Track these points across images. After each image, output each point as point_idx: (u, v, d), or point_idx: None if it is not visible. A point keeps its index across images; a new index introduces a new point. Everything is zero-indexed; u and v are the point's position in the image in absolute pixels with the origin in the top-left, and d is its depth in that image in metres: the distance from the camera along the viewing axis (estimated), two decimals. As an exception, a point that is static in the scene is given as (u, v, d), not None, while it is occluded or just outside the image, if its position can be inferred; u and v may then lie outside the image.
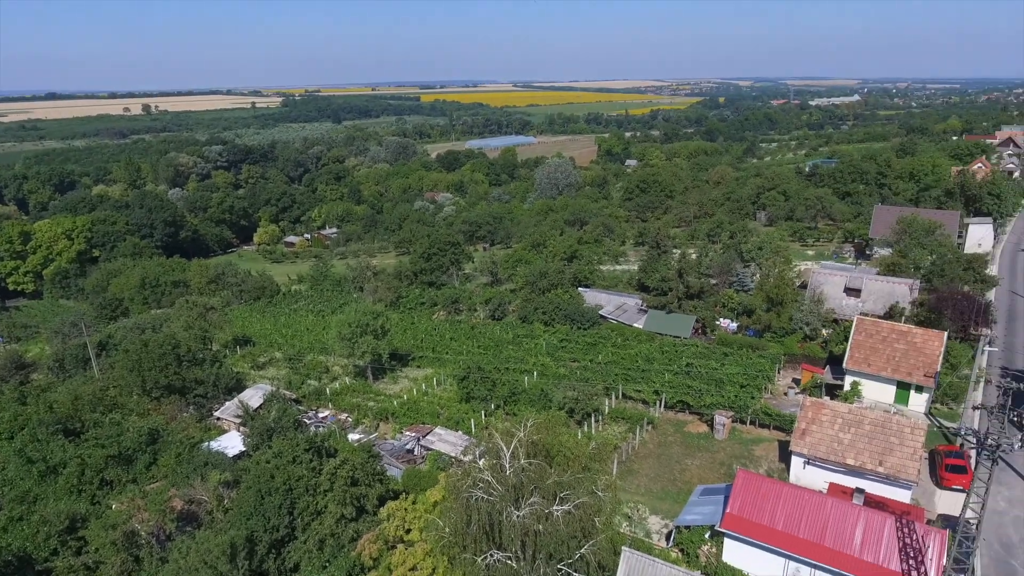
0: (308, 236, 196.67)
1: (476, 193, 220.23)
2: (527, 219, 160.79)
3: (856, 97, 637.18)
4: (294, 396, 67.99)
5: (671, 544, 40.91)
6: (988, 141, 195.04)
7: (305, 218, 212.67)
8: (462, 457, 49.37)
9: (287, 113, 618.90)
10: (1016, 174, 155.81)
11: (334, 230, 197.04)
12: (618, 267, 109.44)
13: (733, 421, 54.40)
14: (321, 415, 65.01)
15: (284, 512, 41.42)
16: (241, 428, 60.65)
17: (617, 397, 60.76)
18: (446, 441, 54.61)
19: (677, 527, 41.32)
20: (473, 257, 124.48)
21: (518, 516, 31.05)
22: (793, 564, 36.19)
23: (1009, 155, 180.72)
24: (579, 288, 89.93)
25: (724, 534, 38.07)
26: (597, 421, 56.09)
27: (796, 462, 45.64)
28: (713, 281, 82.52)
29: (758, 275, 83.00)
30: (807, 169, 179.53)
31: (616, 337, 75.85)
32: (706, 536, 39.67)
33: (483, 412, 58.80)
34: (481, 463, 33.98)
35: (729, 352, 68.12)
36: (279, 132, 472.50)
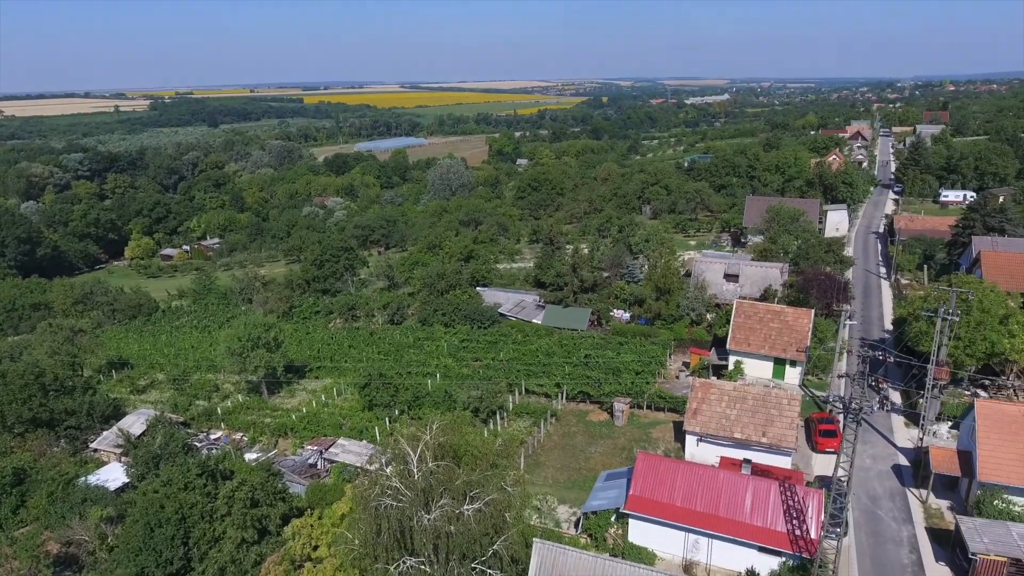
0: (187, 248, 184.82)
1: (367, 196, 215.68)
2: (421, 221, 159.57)
3: (726, 96, 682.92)
4: (181, 419, 63.80)
5: (580, 531, 42.15)
6: (840, 135, 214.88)
7: (183, 229, 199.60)
8: (368, 466, 48.30)
9: (156, 117, 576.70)
10: (864, 164, 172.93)
11: (216, 240, 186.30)
12: (514, 265, 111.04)
13: (631, 407, 56.79)
14: (213, 436, 61.48)
15: (178, 543, 38.92)
16: (123, 458, 56.32)
17: (520, 393, 61.74)
18: (350, 451, 53.27)
19: (584, 513, 42.62)
20: (368, 262, 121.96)
21: (429, 519, 30.88)
22: (692, 536, 38.41)
23: (858, 147, 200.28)
24: (477, 288, 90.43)
25: (628, 515, 39.74)
26: (502, 418, 56.74)
27: (690, 440, 48.41)
28: (605, 274, 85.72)
29: (646, 266, 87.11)
30: (686, 164, 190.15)
31: (516, 334, 77.00)
32: (612, 519, 41.20)
33: (387, 419, 57.85)
34: (388, 470, 33.41)
35: (624, 341, 71.00)
36: (148, 138, 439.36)
